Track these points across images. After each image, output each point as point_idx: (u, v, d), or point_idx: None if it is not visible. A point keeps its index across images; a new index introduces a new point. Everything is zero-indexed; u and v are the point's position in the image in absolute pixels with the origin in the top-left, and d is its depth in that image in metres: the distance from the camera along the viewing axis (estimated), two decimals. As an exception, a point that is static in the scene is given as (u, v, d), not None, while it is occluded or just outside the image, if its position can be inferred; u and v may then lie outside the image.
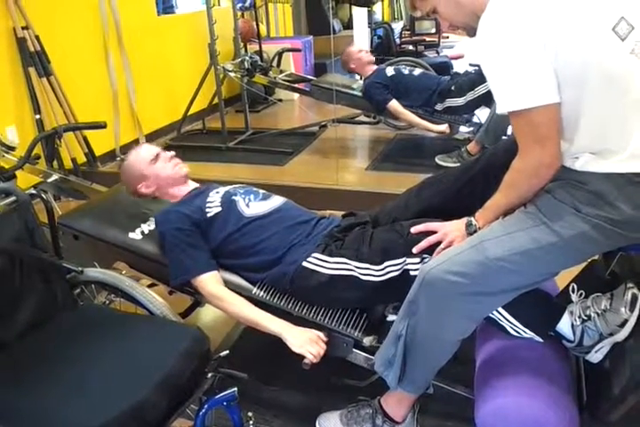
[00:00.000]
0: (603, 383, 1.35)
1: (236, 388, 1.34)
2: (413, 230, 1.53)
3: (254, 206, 1.75)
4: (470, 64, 3.88)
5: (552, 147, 1.23)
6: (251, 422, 1.40)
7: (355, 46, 3.98)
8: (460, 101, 3.53)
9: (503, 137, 3.17)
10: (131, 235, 1.82)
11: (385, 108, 3.66)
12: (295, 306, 1.65)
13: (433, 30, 6.95)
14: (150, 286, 1.78)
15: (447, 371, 1.48)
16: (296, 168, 3.80)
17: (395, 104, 3.62)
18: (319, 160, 3.95)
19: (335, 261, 1.57)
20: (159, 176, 1.83)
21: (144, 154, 1.86)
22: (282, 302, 1.66)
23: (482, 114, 3.60)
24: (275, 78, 4.36)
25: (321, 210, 1.92)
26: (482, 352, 1.55)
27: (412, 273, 1.47)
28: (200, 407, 1.33)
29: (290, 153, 4.01)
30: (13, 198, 1.54)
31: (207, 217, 1.72)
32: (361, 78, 3.91)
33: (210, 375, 1.33)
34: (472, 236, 1.39)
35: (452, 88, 3.56)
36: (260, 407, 1.75)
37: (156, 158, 1.84)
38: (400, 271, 1.50)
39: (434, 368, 1.46)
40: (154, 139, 4.39)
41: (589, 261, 1.54)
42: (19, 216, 1.54)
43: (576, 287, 1.44)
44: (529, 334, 1.41)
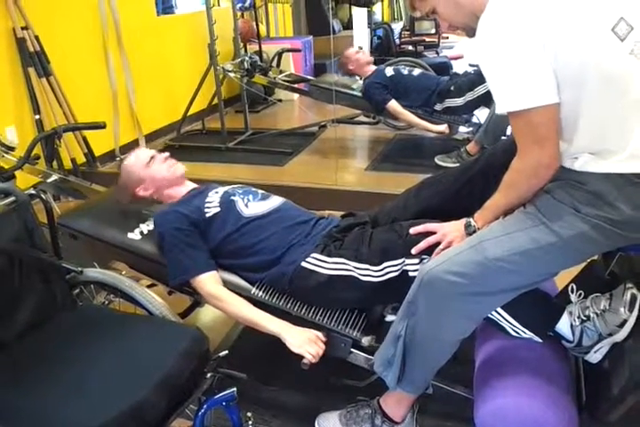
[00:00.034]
0: (602, 384, 1.35)
1: (235, 388, 1.34)
2: (412, 231, 1.53)
3: (253, 207, 1.75)
4: (470, 64, 3.89)
5: (551, 147, 1.23)
6: (250, 422, 1.40)
7: (352, 48, 3.99)
8: (460, 102, 3.53)
9: (502, 137, 3.17)
10: (130, 235, 1.82)
11: (384, 108, 3.67)
12: (294, 306, 1.65)
13: (432, 31, 6.98)
14: (150, 287, 1.78)
15: (446, 371, 1.48)
16: (295, 168, 3.80)
17: (394, 104, 3.63)
18: (319, 160, 3.95)
19: (334, 261, 1.57)
20: (155, 178, 1.84)
21: (139, 158, 1.87)
22: (281, 302, 1.66)
23: (481, 114, 3.60)
24: (274, 78, 4.36)
25: (320, 210, 1.92)
26: (481, 352, 1.55)
27: (411, 274, 1.47)
28: (199, 407, 1.33)
29: (289, 153, 4.01)
30: (13, 198, 1.54)
31: (206, 217, 1.72)
32: (360, 79, 3.91)
33: (209, 375, 1.33)
34: (471, 236, 1.39)
35: (452, 88, 3.56)
36: (259, 407, 1.75)
37: (151, 161, 1.85)
38: (399, 272, 1.50)
39: (433, 368, 1.46)
40: (153, 139, 4.39)
41: (589, 261, 1.54)
42: (18, 216, 1.54)
43: (575, 288, 1.44)
44: (528, 335, 1.41)
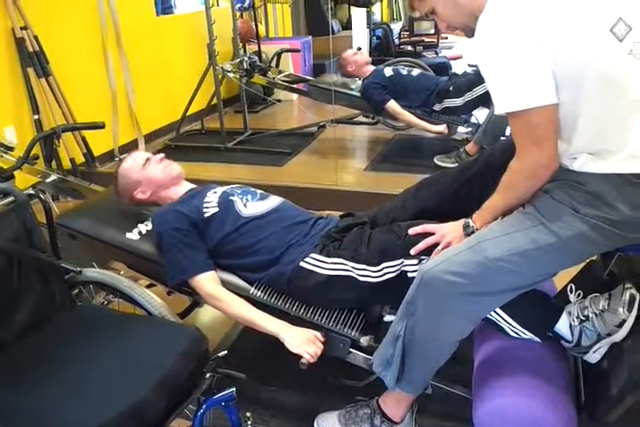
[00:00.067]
0: (601, 384, 1.35)
1: (235, 388, 1.34)
2: (411, 232, 1.53)
3: (252, 206, 1.75)
4: (469, 65, 3.89)
5: (549, 148, 1.23)
6: (249, 422, 1.40)
7: (349, 50, 3.99)
8: (459, 102, 3.53)
9: (501, 138, 3.17)
10: (128, 235, 1.81)
11: (383, 108, 3.67)
12: (292, 306, 1.65)
13: (432, 31, 6.99)
14: (149, 287, 1.78)
15: (445, 371, 1.48)
16: (295, 169, 3.80)
17: (393, 104, 3.63)
18: (318, 161, 3.95)
19: (333, 261, 1.57)
20: (151, 179, 1.83)
21: (135, 161, 1.86)
22: (279, 302, 1.66)
23: (480, 114, 3.60)
24: (273, 79, 4.36)
25: (320, 210, 1.92)
26: (480, 352, 1.55)
27: (410, 274, 1.47)
28: (198, 408, 1.33)
29: (288, 153, 4.01)
30: (12, 199, 1.54)
31: (204, 217, 1.72)
32: (359, 79, 3.91)
33: (208, 376, 1.33)
34: (471, 236, 1.39)
35: (451, 88, 3.56)
36: (259, 408, 1.75)
37: (147, 163, 1.85)
38: (397, 272, 1.50)
39: (432, 368, 1.46)
40: (152, 139, 4.39)
41: (588, 261, 1.53)
42: (17, 216, 1.53)
43: (574, 288, 1.44)
44: (528, 335, 1.41)
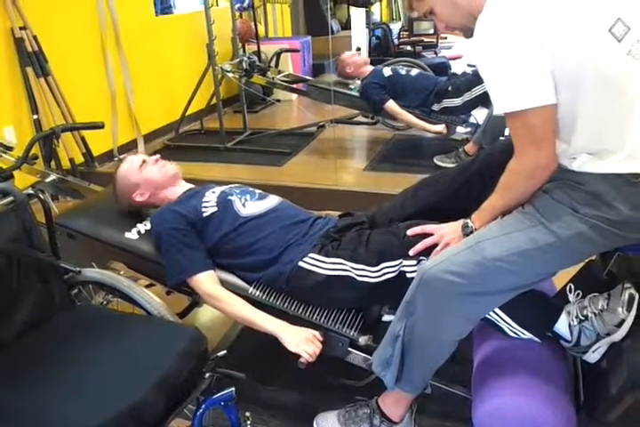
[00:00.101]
0: (600, 383, 1.35)
1: (234, 388, 1.34)
2: (410, 233, 1.53)
3: (250, 206, 1.75)
4: (468, 65, 3.89)
5: (548, 148, 1.23)
6: (248, 421, 1.40)
7: (346, 52, 4.00)
8: (457, 102, 3.53)
9: (501, 138, 3.17)
10: (127, 234, 1.81)
11: (382, 108, 3.67)
12: (291, 305, 1.65)
13: (431, 31, 6.98)
14: (148, 287, 1.78)
15: (445, 371, 1.48)
16: (294, 169, 3.80)
17: (392, 104, 3.63)
18: (317, 161, 3.95)
19: (331, 261, 1.57)
20: (148, 180, 1.82)
21: (131, 164, 1.86)
22: (278, 302, 1.66)
23: (479, 114, 3.60)
24: (273, 79, 4.36)
25: (319, 210, 1.92)
26: (479, 352, 1.55)
27: (409, 275, 1.47)
28: (198, 407, 1.33)
29: (288, 153, 4.01)
30: (11, 198, 1.54)
31: (203, 217, 1.72)
32: (358, 79, 3.91)
33: (207, 375, 1.33)
34: (470, 236, 1.39)
35: (449, 88, 3.56)
36: (258, 407, 1.75)
37: (143, 165, 1.84)
38: (396, 273, 1.50)
39: (431, 368, 1.46)
40: (152, 139, 4.38)
41: (587, 261, 1.53)
42: (16, 216, 1.53)
43: (573, 287, 1.44)
44: (527, 335, 1.41)
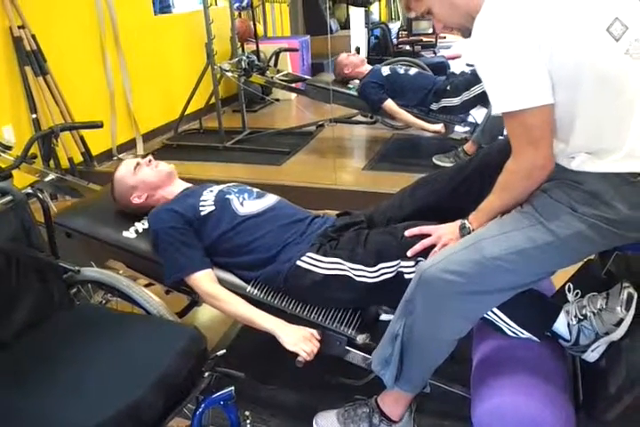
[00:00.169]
0: (599, 382, 1.36)
1: (233, 387, 1.34)
2: (408, 233, 1.53)
3: (248, 205, 1.75)
4: (467, 64, 3.89)
5: (545, 148, 1.23)
6: (248, 421, 1.40)
7: (342, 53, 4.00)
8: (456, 101, 3.53)
9: (499, 137, 3.17)
10: (125, 233, 1.81)
11: (380, 107, 3.67)
12: (289, 304, 1.65)
13: (430, 30, 6.97)
14: (147, 286, 1.78)
15: (444, 370, 1.48)
16: (293, 168, 3.80)
17: (390, 104, 3.63)
18: (316, 160, 3.94)
19: (329, 261, 1.58)
20: (145, 181, 1.82)
21: (126, 168, 1.86)
22: (276, 300, 1.66)
23: (478, 114, 3.60)
24: (272, 78, 4.35)
25: (318, 210, 1.92)
26: (478, 351, 1.55)
27: (407, 276, 1.47)
28: (197, 407, 1.33)
29: (287, 153, 4.00)
30: (10, 198, 1.54)
31: (201, 215, 1.72)
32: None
33: (207, 375, 1.33)
34: (468, 235, 1.39)
35: (448, 88, 3.56)
36: (257, 406, 1.75)
37: (137, 167, 1.84)
38: (394, 273, 1.50)
39: (430, 367, 1.46)
40: (150, 138, 4.38)
41: (585, 260, 1.54)
42: (15, 215, 1.53)
43: (572, 287, 1.44)
44: (526, 335, 1.41)
